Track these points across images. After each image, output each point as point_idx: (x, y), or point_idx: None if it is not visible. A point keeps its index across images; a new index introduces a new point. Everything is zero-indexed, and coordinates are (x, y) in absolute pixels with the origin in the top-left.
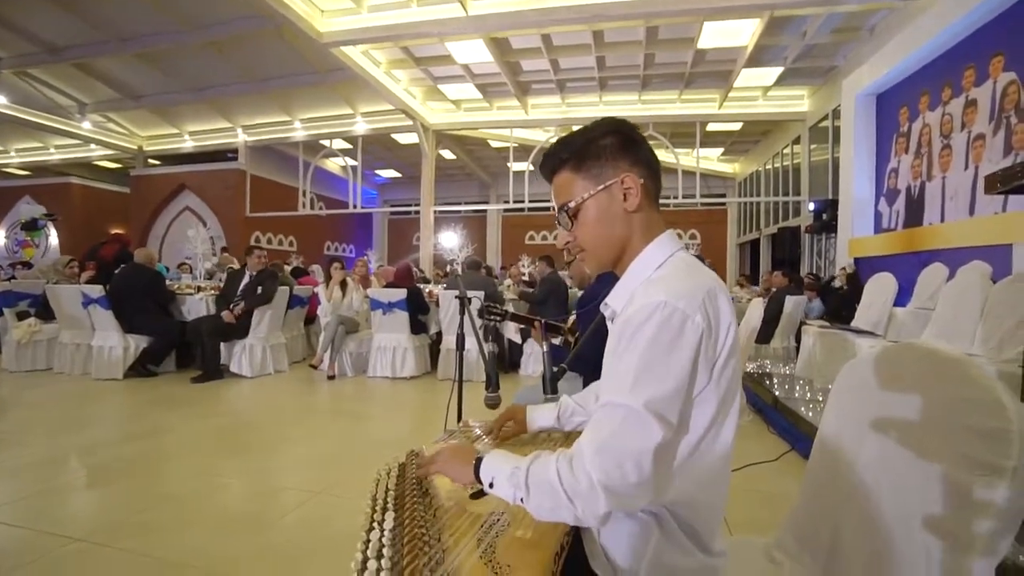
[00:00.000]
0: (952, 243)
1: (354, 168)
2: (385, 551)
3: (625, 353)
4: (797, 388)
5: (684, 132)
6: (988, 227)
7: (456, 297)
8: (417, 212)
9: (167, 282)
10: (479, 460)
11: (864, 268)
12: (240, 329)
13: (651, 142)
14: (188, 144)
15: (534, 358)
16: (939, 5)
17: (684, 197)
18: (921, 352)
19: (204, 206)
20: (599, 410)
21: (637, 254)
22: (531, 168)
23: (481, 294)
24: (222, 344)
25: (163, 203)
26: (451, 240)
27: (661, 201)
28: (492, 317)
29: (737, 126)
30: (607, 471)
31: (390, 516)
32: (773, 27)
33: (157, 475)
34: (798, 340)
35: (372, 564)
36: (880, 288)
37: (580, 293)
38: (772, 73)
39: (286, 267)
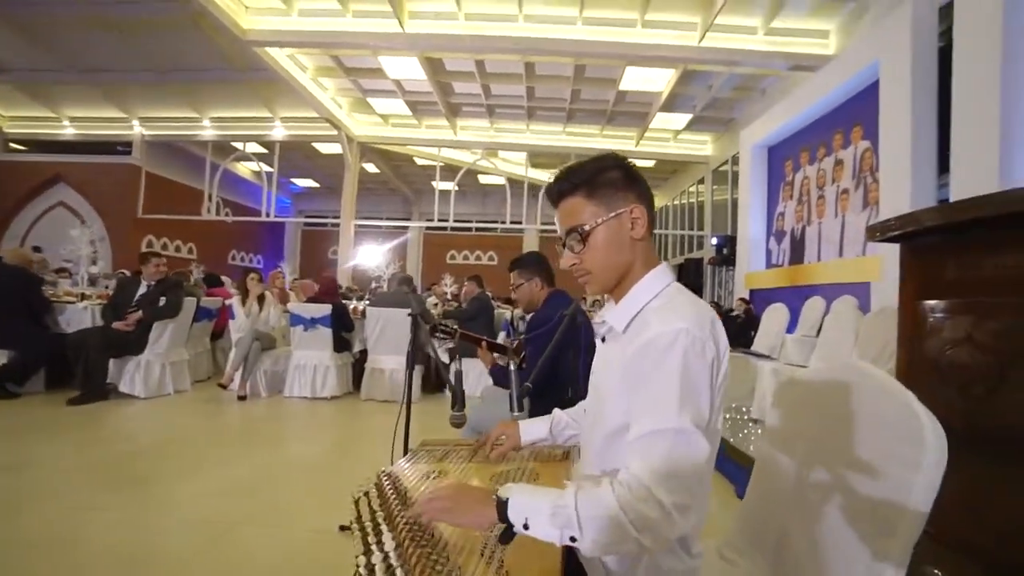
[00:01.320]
0: (827, 279)
1: (269, 175)
2: (398, 572)
3: (658, 376)
4: None
5: None
6: (852, 267)
7: (409, 315)
8: (335, 224)
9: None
10: (503, 502)
11: (757, 299)
12: (135, 344)
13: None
14: (68, 131)
15: (468, 376)
16: (814, 80)
17: None
18: (851, 371)
19: (84, 202)
20: (648, 437)
21: (637, 279)
22: (456, 187)
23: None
24: (111, 361)
25: (29, 196)
26: (372, 255)
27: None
28: (442, 335)
29: (651, 163)
30: (678, 493)
31: (388, 537)
32: (685, 78)
33: (20, 517)
34: None
35: None
36: (775, 317)
37: (514, 315)
38: (683, 119)
39: (193, 275)
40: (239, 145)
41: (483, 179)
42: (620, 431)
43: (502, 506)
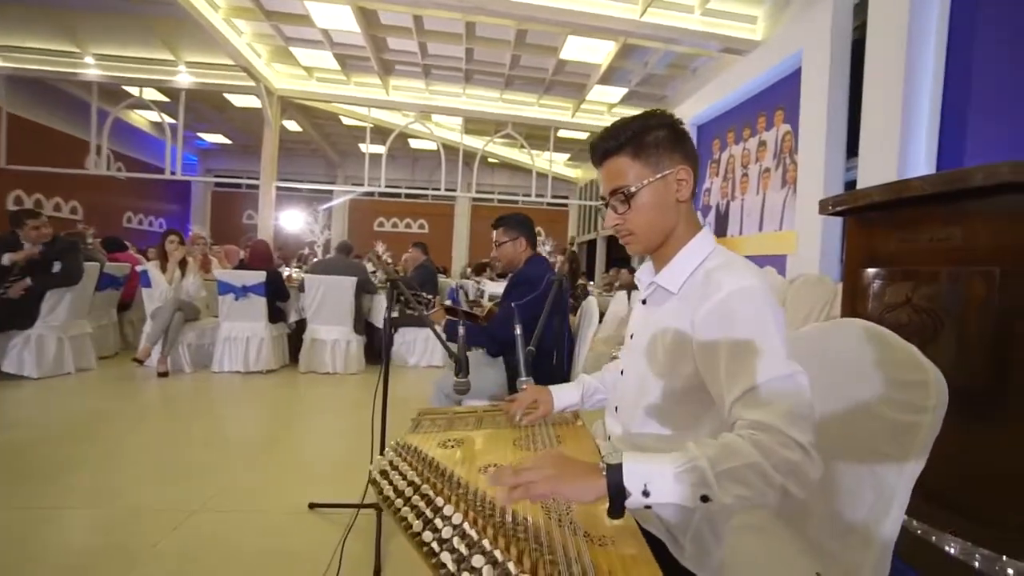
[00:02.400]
0: (749, 252)
1: (173, 127)
2: (485, 544)
3: (755, 329)
4: None
5: (538, 135)
6: (772, 241)
7: (387, 281)
8: (251, 186)
9: None
10: (616, 467)
11: None
12: (21, 315)
13: (509, 141)
14: None
15: (416, 346)
16: (743, 64)
17: (537, 196)
18: (855, 327)
19: None
20: (767, 385)
21: (681, 241)
22: (386, 151)
23: (354, 280)
24: None
25: None
26: (295, 220)
27: (512, 198)
28: (420, 305)
29: (584, 135)
30: (809, 433)
31: (450, 509)
32: (624, 52)
33: None
34: None
35: (478, 560)
36: None
37: (461, 283)
38: (618, 92)
39: (88, 238)
40: (134, 90)
41: (414, 143)
42: (684, 388)
43: (615, 473)
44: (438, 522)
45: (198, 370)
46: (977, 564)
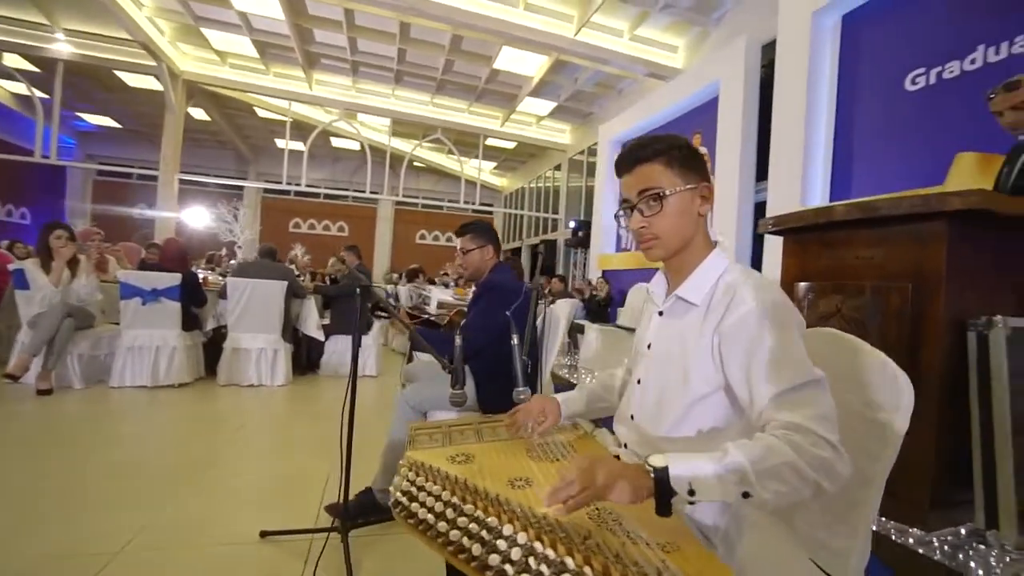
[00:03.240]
0: None
1: (46, 104)
2: (571, 563)
3: (784, 337)
4: (584, 373)
5: (467, 142)
6: None
7: (358, 287)
8: (144, 176)
9: None
10: (662, 470)
11: (609, 278)
12: None
13: (436, 146)
14: None
15: (348, 356)
16: (666, 88)
17: (464, 202)
18: (827, 336)
19: None
20: (797, 390)
21: (698, 253)
22: (308, 149)
23: (284, 284)
24: None
25: None
26: (200, 217)
27: (437, 203)
28: (380, 313)
29: (512, 145)
30: (836, 432)
31: (509, 528)
32: (556, 68)
33: None
34: (569, 336)
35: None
36: (637, 295)
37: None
38: (548, 106)
39: None
40: None
41: (336, 142)
42: (708, 395)
43: (663, 474)
44: (500, 544)
45: (91, 385)
46: (892, 535)
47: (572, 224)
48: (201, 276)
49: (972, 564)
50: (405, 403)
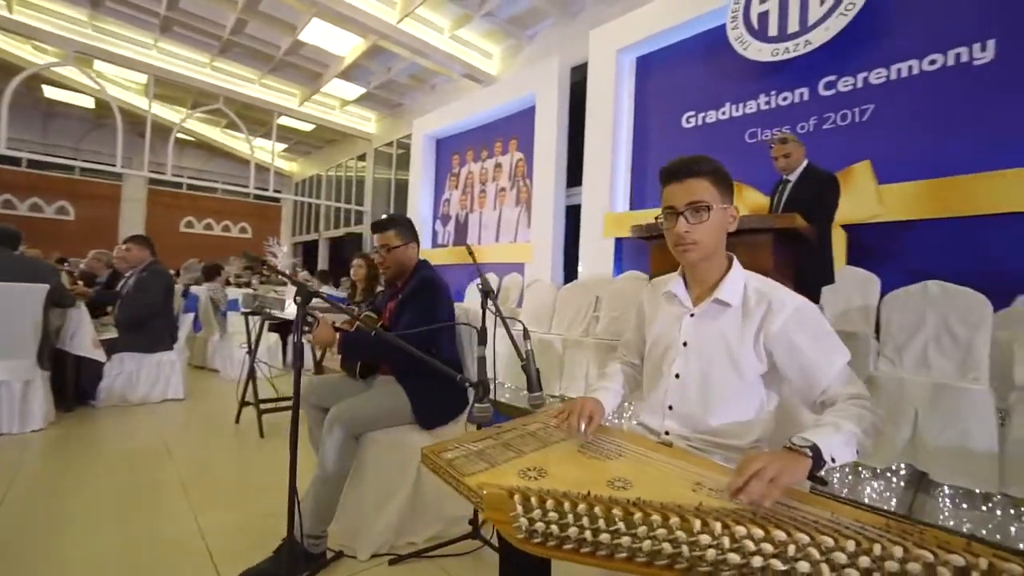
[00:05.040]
0: (492, 260)
1: None
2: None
3: (825, 331)
4: None
5: (253, 118)
6: (511, 251)
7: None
8: None
9: None
10: (815, 447)
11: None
12: None
13: (212, 119)
14: None
15: (140, 377)
16: (485, 92)
17: (253, 187)
18: None
19: None
20: (845, 369)
21: (725, 264)
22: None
23: (44, 289)
24: None
25: None
26: None
27: (209, 184)
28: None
29: (309, 128)
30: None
31: (698, 523)
32: (372, 52)
33: None
34: None
35: (841, 557)
36: (473, 293)
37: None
38: (356, 91)
39: None
40: None
41: (51, 93)
42: (752, 383)
43: (817, 452)
44: (704, 538)
45: None
46: None
47: (384, 218)
48: None
49: None
50: (339, 427)
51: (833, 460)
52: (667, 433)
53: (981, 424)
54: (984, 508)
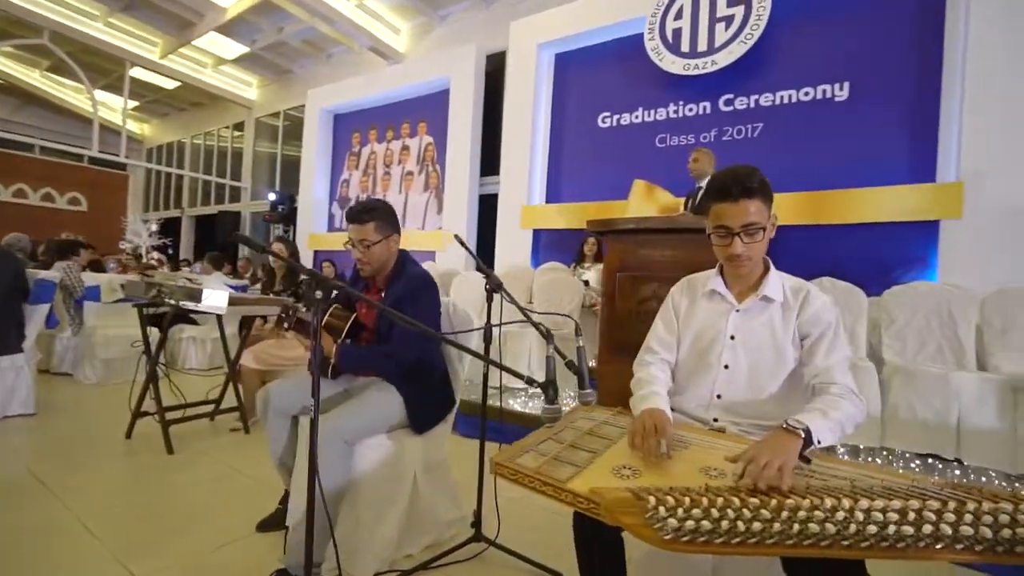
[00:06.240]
0: (404, 247)
1: None
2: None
3: (836, 324)
4: None
5: (94, 65)
6: (422, 238)
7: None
8: None
9: None
10: (807, 431)
11: (320, 260)
12: None
13: (31, 57)
14: None
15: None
16: (393, 70)
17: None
18: None
19: None
20: (844, 361)
21: (766, 267)
22: None
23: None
24: None
25: None
26: None
27: (18, 139)
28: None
29: (172, 85)
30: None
31: (831, 500)
32: (261, 7)
33: None
34: None
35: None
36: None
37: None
38: (237, 49)
39: None
40: None
41: None
42: (793, 370)
43: (808, 435)
44: (840, 515)
45: None
46: None
47: (272, 196)
48: None
49: None
50: (338, 439)
51: (819, 443)
52: (715, 420)
53: (871, 394)
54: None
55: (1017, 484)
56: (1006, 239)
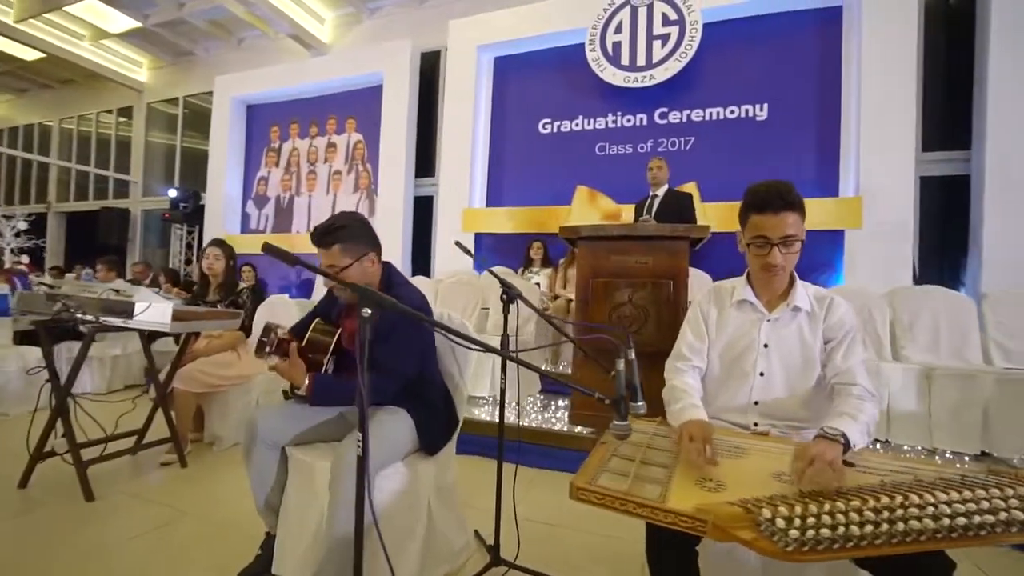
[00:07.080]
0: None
1: None
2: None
3: (856, 331)
4: None
5: None
6: None
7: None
8: None
9: None
10: (845, 437)
11: (241, 263)
12: None
13: None
14: None
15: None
16: (317, 62)
17: None
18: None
19: None
20: (862, 363)
21: (793, 278)
22: None
23: None
24: None
25: None
26: None
27: None
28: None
29: (33, 56)
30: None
31: (941, 495)
32: None
33: None
34: None
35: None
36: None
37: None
38: (125, 23)
39: None
40: None
41: None
42: (819, 374)
43: (845, 439)
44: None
45: None
46: None
47: (173, 193)
48: None
49: None
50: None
51: (854, 447)
52: (756, 425)
53: None
54: None
55: (938, 459)
56: (897, 246)
